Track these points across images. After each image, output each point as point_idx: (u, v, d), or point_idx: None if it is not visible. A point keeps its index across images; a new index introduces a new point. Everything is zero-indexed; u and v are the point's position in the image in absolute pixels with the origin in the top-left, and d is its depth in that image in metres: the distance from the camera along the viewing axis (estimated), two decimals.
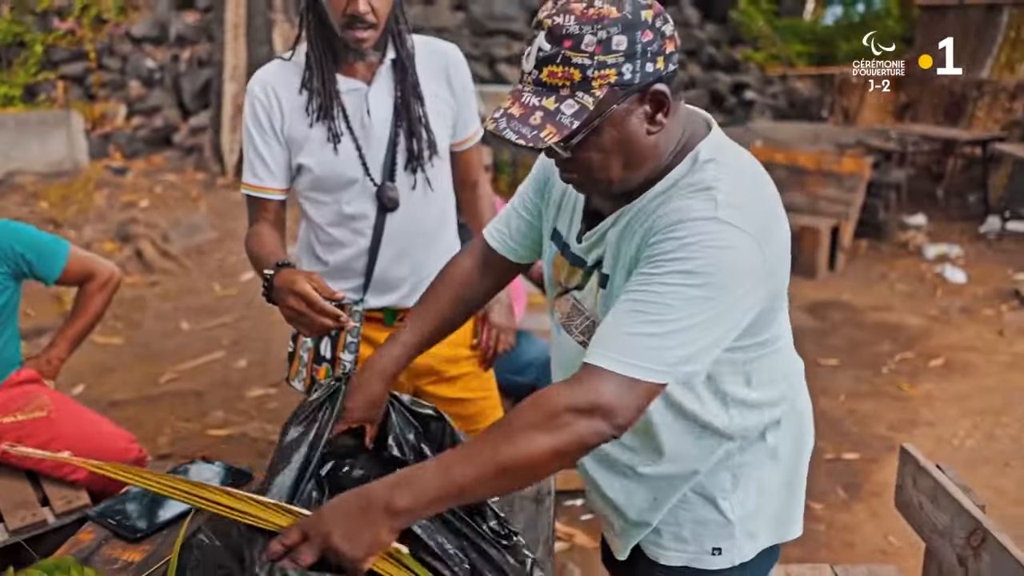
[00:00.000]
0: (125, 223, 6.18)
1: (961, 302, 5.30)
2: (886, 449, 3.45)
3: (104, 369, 4.19)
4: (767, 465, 1.30)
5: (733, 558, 1.30)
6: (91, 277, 2.42)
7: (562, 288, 1.31)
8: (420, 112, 1.81)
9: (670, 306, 1.03)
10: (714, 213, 1.05)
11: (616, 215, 1.18)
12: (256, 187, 1.80)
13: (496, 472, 1.03)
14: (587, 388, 1.04)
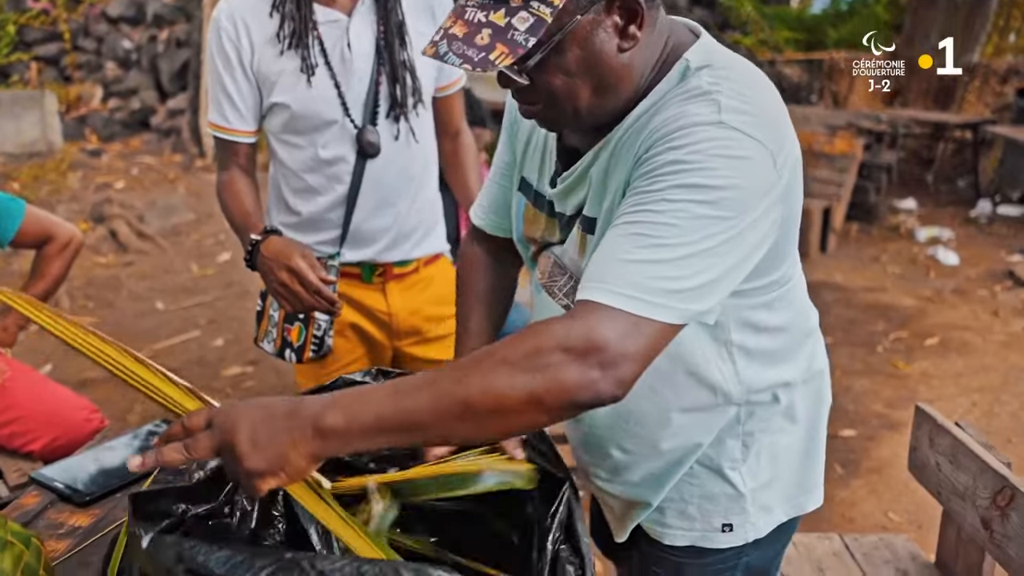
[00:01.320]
0: (99, 204, 6.00)
1: (954, 283, 5.22)
2: (883, 426, 3.35)
3: None
4: (782, 429, 1.13)
5: (746, 534, 1.13)
6: (50, 239, 2.27)
7: (538, 245, 1.14)
8: (405, 55, 1.67)
9: (676, 226, 0.84)
10: (719, 117, 0.88)
11: (596, 149, 1.00)
12: (224, 128, 1.66)
13: (454, 406, 0.81)
14: (583, 324, 0.82)
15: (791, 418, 1.13)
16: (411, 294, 1.78)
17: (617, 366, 0.82)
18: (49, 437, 2.06)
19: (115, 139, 8.37)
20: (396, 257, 1.75)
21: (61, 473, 1.40)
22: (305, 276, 1.42)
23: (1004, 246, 5.90)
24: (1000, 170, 7.00)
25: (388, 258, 1.74)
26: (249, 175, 1.71)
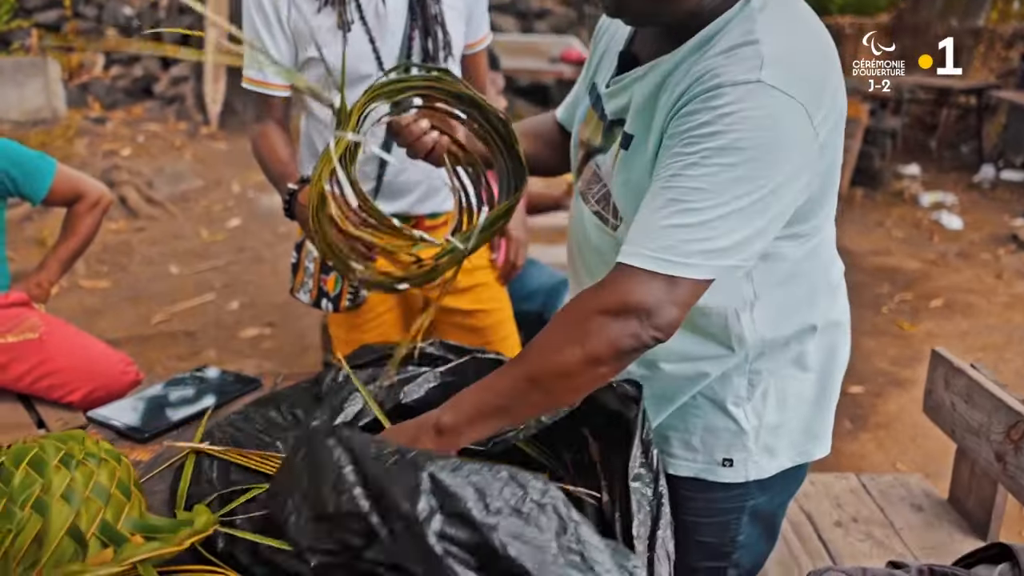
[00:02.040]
0: (108, 170, 6.01)
1: (958, 247, 5.28)
2: (890, 383, 3.43)
3: (93, 312, 4.08)
4: (793, 375, 1.16)
5: (748, 472, 1.17)
6: (80, 197, 2.32)
7: (585, 150, 1.19)
8: (437, 9, 1.71)
9: (705, 190, 0.90)
10: (758, 75, 0.90)
11: (650, 66, 1.03)
12: (260, 82, 1.69)
13: (528, 384, 0.95)
14: (616, 288, 0.93)
15: (802, 365, 1.16)
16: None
17: (655, 316, 0.92)
18: (87, 388, 2.12)
19: (118, 107, 8.35)
20: (427, 209, 1.80)
21: (117, 412, 1.46)
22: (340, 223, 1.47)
23: (1007, 210, 5.96)
24: (1004, 135, 7.03)
25: (420, 210, 1.79)
26: (283, 128, 1.76)
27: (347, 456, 0.85)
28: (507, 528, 0.77)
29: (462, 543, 0.76)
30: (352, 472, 0.83)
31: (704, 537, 1.21)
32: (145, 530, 0.93)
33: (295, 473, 0.91)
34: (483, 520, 0.77)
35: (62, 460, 0.92)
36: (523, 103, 7.90)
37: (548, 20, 8.91)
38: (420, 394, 1.18)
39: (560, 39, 8.15)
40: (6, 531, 0.86)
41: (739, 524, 1.20)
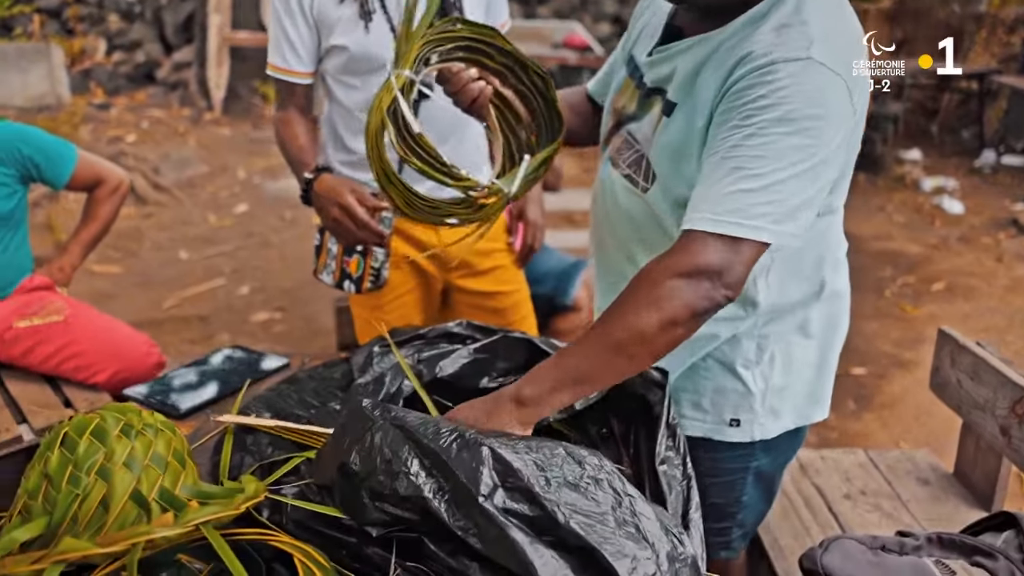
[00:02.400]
0: (114, 156, 6.03)
1: (959, 231, 5.33)
2: (893, 365, 3.49)
3: (105, 296, 4.13)
4: (797, 341, 1.24)
5: (753, 432, 1.25)
6: (101, 182, 2.37)
7: (617, 119, 1.27)
8: None
9: (765, 158, 0.98)
10: (808, 52, 0.99)
11: (696, 39, 1.12)
12: (283, 70, 1.75)
13: (609, 351, 0.99)
14: (687, 253, 0.99)
15: (806, 332, 1.24)
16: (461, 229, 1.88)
17: (724, 276, 0.98)
18: (113, 370, 2.17)
19: (120, 92, 8.36)
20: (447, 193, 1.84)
21: (153, 389, 1.51)
22: (355, 211, 1.51)
23: (1008, 195, 6.00)
24: (1005, 120, 7.06)
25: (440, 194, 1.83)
26: (305, 114, 1.81)
27: (401, 435, 0.89)
28: (567, 501, 0.81)
29: (524, 516, 0.80)
30: (410, 451, 0.87)
31: (712, 499, 1.27)
32: (200, 496, 0.98)
33: (345, 449, 0.95)
34: (544, 494, 0.81)
35: (122, 430, 0.97)
36: None
37: (551, 5, 8.91)
38: (454, 369, 1.24)
39: (563, 24, 8.16)
40: (74, 496, 0.91)
41: (744, 484, 1.29)
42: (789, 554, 1.45)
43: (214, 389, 1.52)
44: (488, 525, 0.80)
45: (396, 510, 0.86)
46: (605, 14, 8.94)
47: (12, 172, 2.19)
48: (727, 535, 1.34)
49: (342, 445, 0.93)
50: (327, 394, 1.38)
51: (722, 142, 1.01)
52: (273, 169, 6.21)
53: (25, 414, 2.06)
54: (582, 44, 7.69)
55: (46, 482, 0.93)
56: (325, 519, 0.99)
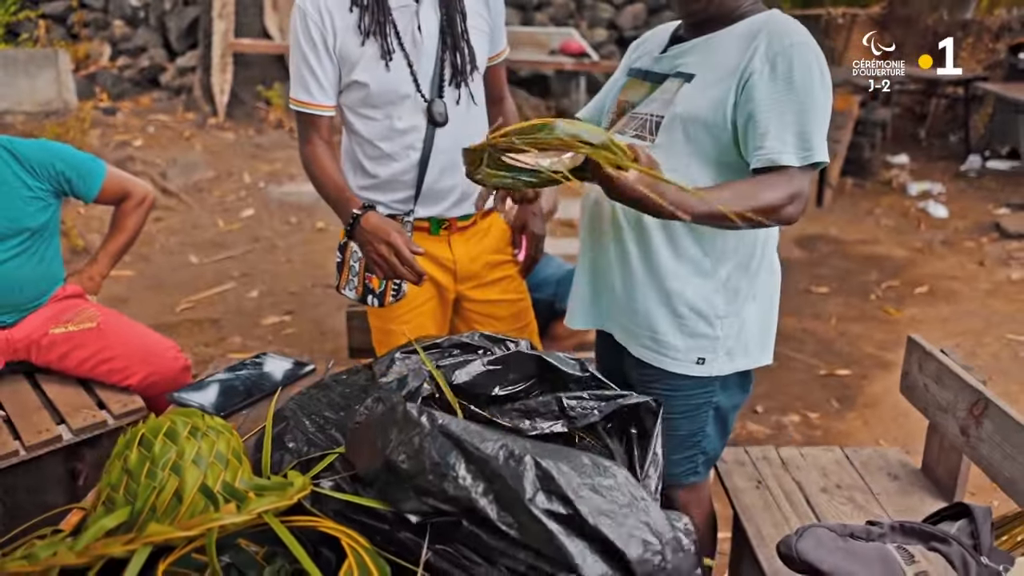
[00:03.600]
0: (122, 161, 6.19)
1: (943, 235, 5.50)
2: (876, 366, 3.66)
3: (118, 300, 4.28)
4: (748, 301, 1.55)
5: (712, 369, 1.55)
6: (127, 196, 2.52)
7: (621, 110, 1.59)
8: (463, 27, 1.91)
9: (815, 98, 1.35)
10: (809, 38, 1.39)
11: (705, 37, 1.49)
12: (309, 104, 1.88)
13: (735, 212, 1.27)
14: (793, 183, 1.35)
15: (755, 295, 1.55)
16: (471, 244, 2.04)
17: (804, 199, 1.38)
18: (144, 373, 2.33)
19: (125, 97, 8.51)
20: (460, 212, 2.00)
21: (194, 393, 1.67)
22: (401, 251, 1.71)
23: (992, 199, 6.18)
24: (991, 126, 7.25)
25: (454, 213, 1.99)
26: (329, 145, 1.96)
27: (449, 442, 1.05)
28: (593, 503, 0.99)
29: (560, 516, 0.98)
30: (457, 456, 1.03)
31: (681, 431, 1.60)
32: (257, 488, 1.14)
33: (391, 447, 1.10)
34: (575, 497, 0.99)
35: (190, 432, 1.13)
36: (524, 94, 8.07)
37: (547, 11, 9.07)
38: (469, 378, 1.40)
39: (560, 30, 8.33)
40: (151, 489, 1.07)
41: (707, 416, 1.60)
42: (770, 542, 1.61)
43: (251, 392, 1.67)
44: (531, 522, 0.97)
45: (442, 505, 1.03)
46: (601, 20, 9.10)
47: (47, 187, 2.34)
48: (695, 461, 1.64)
49: (385, 441, 1.09)
50: (353, 397, 1.54)
51: (776, 92, 1.36)
52: (277, 174, 6.37)
53: (63, 415, 2.21)
54: (578, 50, 7.86)
55: (127, 476, 1.09)
56: (362, 508, 1.15)
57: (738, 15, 1.48)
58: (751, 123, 1.39)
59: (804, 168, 1.37)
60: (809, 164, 1.37)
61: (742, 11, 1.48)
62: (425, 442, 1.06)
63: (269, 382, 1.73)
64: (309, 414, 1.48)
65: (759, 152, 1.37)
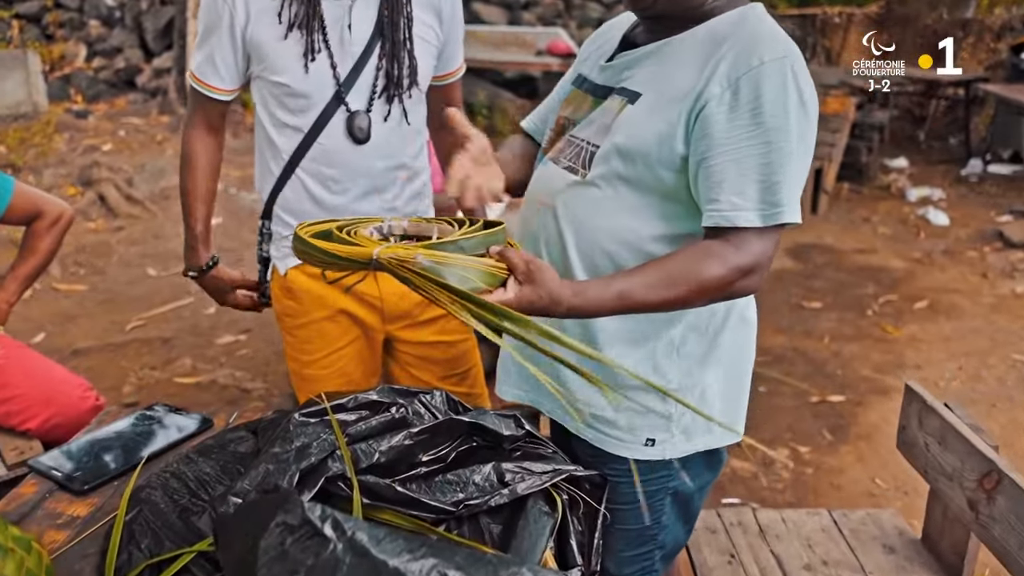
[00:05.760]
0: (87, 167, 5.92)
1: (944, 244, 5.24)
2: (872, 391, 3.39)
3: (66, 317, 4.02)
4: (709, 367, 1.26)
5: (665, 451, 1.27)
6: (40, 215, 2.26)
7: (560, 128, 1.31)
8: (406, 34, 1.63)
9: (788, 137, 1.07)
10: (786, 52, 1.09)
11: (659, 44, 1.18)
12: (202, 83, 1.65)
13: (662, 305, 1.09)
14: (748, 252, 1.08)
15: (717, 359, 1.26)
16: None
17: (766, 268, 1.11)
18: (45, 415, 2.07)
19: (100, 99, 8.24)
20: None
21: (58, 460, 1.41)
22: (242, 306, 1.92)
23: (994, 206, 5.92)
24: (992, 128, 6.98)
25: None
26: (215, 138, 1.74)
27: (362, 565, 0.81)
28: None
29: None
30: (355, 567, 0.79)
31: (632, 524, 1.30)
32: None
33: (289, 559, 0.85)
34: None
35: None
36: (510, 95, 7.81)
37: (535, 11, 8.81)
38: (388, 452, 1.15)
39: (547, 30, 8.06)
40: None
41: (662, 505, 1.31)
42: None
43: (125, 457, 1.41)
44: None
45: None
46: (590, 19, 8.84)
47: None
48: (650, 558, 1.36)
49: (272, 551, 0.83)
50: (230, 470, 1.28)
51: (744, 129, 1.07)
52: (248, 180, 6.10)
53: None
54: (566, 51, 7.59)
55: None
56: None
57: (704, 12, 1.16)
58: (704, 167, 1.10)
59: (768, 229, 1.09)
60: (775, 225, 1.09)
61: (709, 6, 1.16)
62: (330, 564, 0.81)
63: (153, 443, 1.47)
64: (172, 493, 1.22)
65: (711, 207, 1.09)
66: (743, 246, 1.08)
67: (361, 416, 1.27)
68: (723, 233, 1.09)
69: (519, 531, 1.15)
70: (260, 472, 1.14)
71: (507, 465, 1.21)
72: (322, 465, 1.14)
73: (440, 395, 1.30)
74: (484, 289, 1.03)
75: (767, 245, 1.10)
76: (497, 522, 1.17)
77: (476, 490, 1.18)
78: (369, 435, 1.22)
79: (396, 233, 1.27)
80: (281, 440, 1.20)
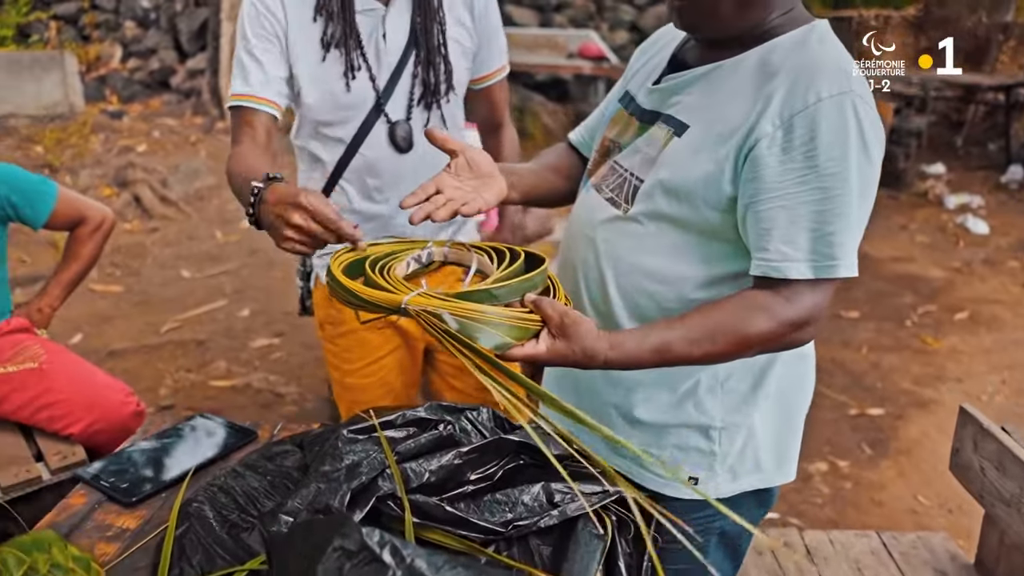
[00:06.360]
0: (123, 168, 5.99)
1: (984, 253, 5.14)
2: (912, 404, 3.33)
3: (102, 318, 4.06)
4: (757, 404, 1.20)
5: (708, 490, 1.21)
6: (82, 221, 2.28)
7: (605, 151, 1.24)
8: (440, 39, 1.63)
9: (847, 184, 0.99)
10: (847, 86, 0.99)
11: (711, 67, 1.09)
12: (247, 96, 1.53)
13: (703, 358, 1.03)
14: (800, 305, 1.02)
15: (767, 395, 1.19)
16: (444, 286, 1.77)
17: (819, 321, 1.04)
18: (88, 420, 2.08)
19: (135, 99, 8.34)
20: None
21: (106, 470, 1.41)
22: (319, 211, 1.14)
23: None
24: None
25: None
26: (264, 151, 1.55)
27: None
28: None
29: None
30: None
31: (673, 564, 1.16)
32: None
33: None
34: None
35: (51, 569, 0.86)
36: (541, 99, 7.79)
37: (566, 13, 8.77)
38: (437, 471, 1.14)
39: (578, 33, 8.03)
40: None
41: (708, 545, 1.25)
42: None
43: (172, 470, 1.41)
44: None
45: None
46: (622, 22, 8.79)
47: None
48: None
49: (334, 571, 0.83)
50: (279, 485, 1.27)
51: (788, 177, 1.00)
52: None
53: None
54: (598, 54, 7.56)
55: None
56: None
57: (760, 33, 1.06)
58: (752, 212, 1.02)
59: (821, 282, 1.01)
60: (828, 278, 1.02)
61: (768, 26, 1.05)
62: None
63: (198, 454, 1.47)
64: (221, 508, 1.22)
65: (760, 256, 1.03)
66: (794, 299, 1.01)
67: (409, 433, 1.26)
68: (772, 284, 1.03)
69: (570, 554, 1.13)
70: (311, 491, 1.14)
71: (556, 485, 1.20)
72: (372, 484, 1.13)
73: (487, 412, 1.28)
74: (514, 344, 1.00)
75: (820, 297, 1.02)
76: (547, 543, 1.15)
77: (525, 510, 1.17)
78: (418, 453, 1.22)
79: (437, 259, 1.25)
80: (331, 458, 1.19)
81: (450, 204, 1.13)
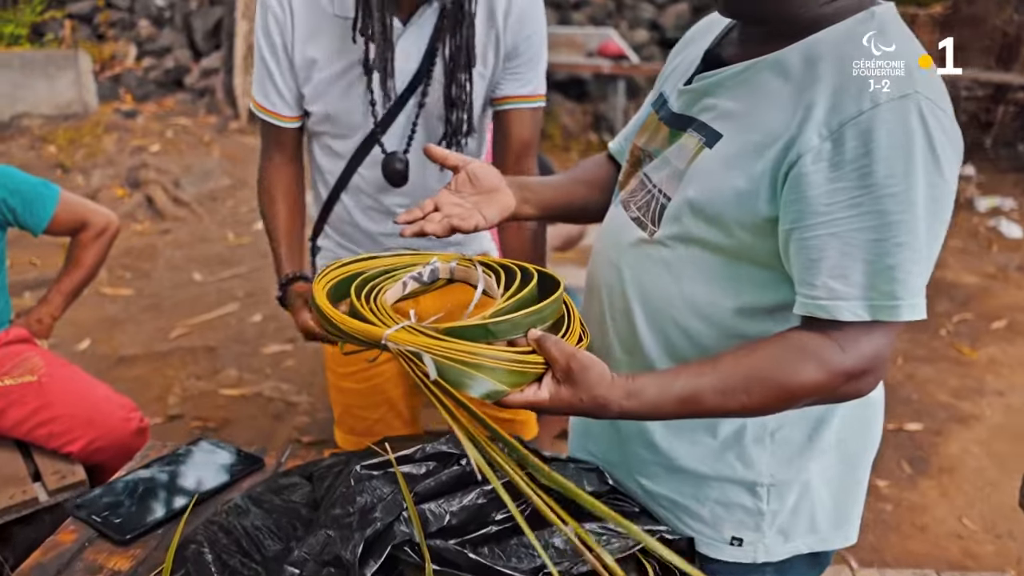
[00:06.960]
0: (135, 168, 5.91)
1: (1019, 259, 4.97)
2: (951, 419, 3.18)
3: (112, 323, 3.97)
4: (813, 457, 1.04)
5: (756, 554, 1.07)
6: (85, 226, 2.18)
7: (636, 159, 1.11)
8: (467, 74, 1.44)
9: (913, 207, 0.82)
10: (911, 86, 0.84)
11: (748, 64, 0.93)
12: (270, 112, 1.52)
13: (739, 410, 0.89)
14: (858, 352, 0.86)
15: (825, 447, 1.05)
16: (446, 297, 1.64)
17: (883, 369, 0.89)
18: (88, 438, 1.98)
19: (149, 99, 8.26)
20: None
21: (98, 504, 1.30)
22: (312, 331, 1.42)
23: None
24: None
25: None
26: (292, 164, 1.58)
27: None
28: None
29: None
30: None
31: None
32: None
33: None
34: None
35: None
36: (559, 98, 7.65)
37: (585, 11, 8.63)
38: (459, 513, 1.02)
39: (598, 31, 7.89)
40: None
41: None
42: None
43: (170, 503, 1.30)
44: None
45: None
46: (642, 20, 8.63)
47: None
48: None
49: None
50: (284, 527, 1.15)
51: (839, 199, 0.84)
52: None
53: None
54: (617, 52, 7.42)
55: None
56: None
57: (811, 19, 0.89)
58: (796, 238, 0.86)
59: (880, 324, 0.85)
60: (891, 320, 0.85)
61: (821, 11, 0.89)
62: None
63: (199, 484, 1.36)
64: (221, 551, 1.10)
65: (806, 292, 0.87)
66: (849, 346, 0.85)
67: (429, 470, 1.14)
68: (822, 326, 0.86)
69: None
70: (320, 539, 1.02)
71: (590, 526, 1.08)
72: (388, 531, 1.02)
73: None
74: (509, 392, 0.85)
75: (881, 343, 0.85)
76: None
77: (556, 554, 1.05)
78: (438, 492, 1.10)
79: (443, 276, 1.12)
80: (342, 500, 1.07)
81: (446, 220, 1.02)
